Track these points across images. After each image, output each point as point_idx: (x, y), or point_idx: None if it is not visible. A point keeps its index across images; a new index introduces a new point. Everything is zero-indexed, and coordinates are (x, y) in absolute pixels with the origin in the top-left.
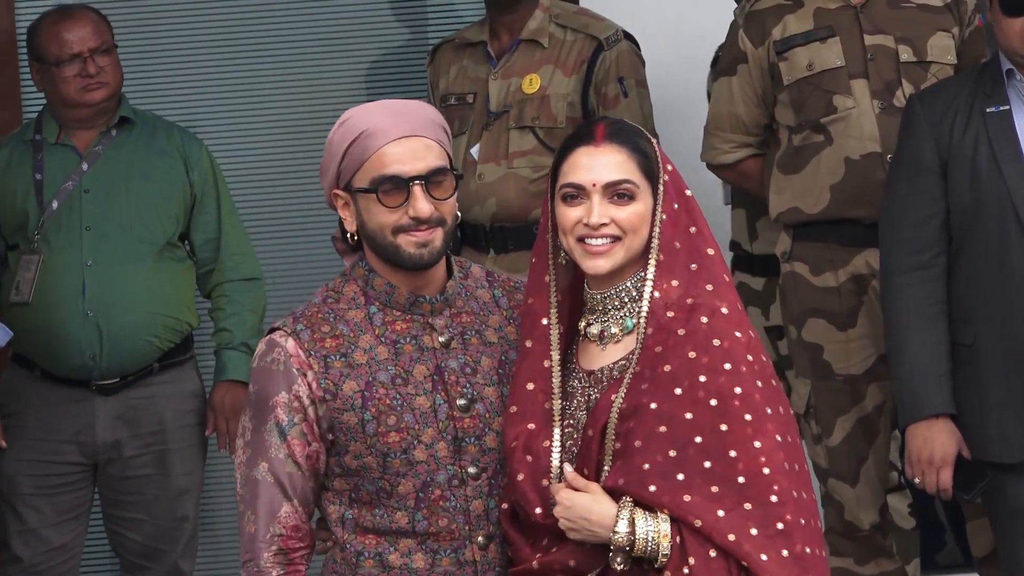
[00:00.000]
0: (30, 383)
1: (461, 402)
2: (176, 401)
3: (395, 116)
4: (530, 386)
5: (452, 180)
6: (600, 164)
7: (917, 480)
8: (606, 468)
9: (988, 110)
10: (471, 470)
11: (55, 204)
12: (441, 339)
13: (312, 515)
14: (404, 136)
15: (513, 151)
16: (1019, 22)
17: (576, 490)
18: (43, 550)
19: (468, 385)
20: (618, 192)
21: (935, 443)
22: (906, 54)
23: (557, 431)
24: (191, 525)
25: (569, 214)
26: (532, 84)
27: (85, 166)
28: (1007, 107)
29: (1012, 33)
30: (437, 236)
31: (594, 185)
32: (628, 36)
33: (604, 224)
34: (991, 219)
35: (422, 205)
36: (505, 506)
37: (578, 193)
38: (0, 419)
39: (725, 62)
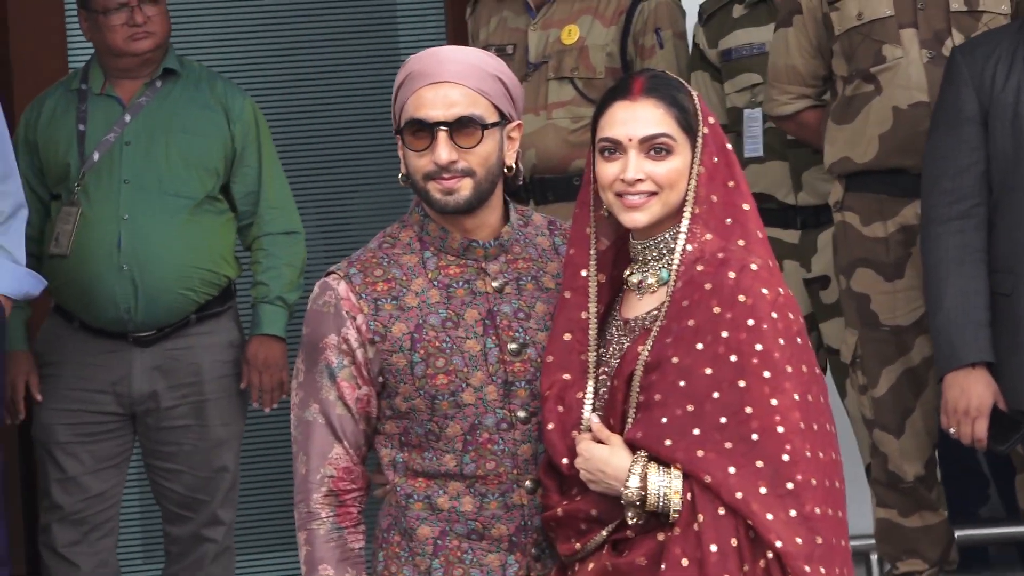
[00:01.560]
0: (68, 334)
1: (512, 346)
2: (213, 352)
3: (439, 61)
4: (567, 336)
5: (481, 132)
6: (637, 118)
7: (952, 430)
8: (630, 419)
9: None
10: (520, 414)
11: (96, 156)
12: (495, 284)
13: (365, 458)
14: (441, 81)
15: (552, 102)
16: None
17: (599, 442)
18: (82, 497)
19: (521, 329)
20: (655, 146)
21: (971, 392)
22: (957, 3)
23: (591, 383)
24: (230, 475)
25: (607, 169)
26: (571, 35)
27: (128, 117)
28: None
29: None
30: (465, 185)
31: (630, 140)
32: None
33: (640, 180)
34: None
35: (441, 151)
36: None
37: (615, 147)
38: (38, 369)
39: (783, 13)
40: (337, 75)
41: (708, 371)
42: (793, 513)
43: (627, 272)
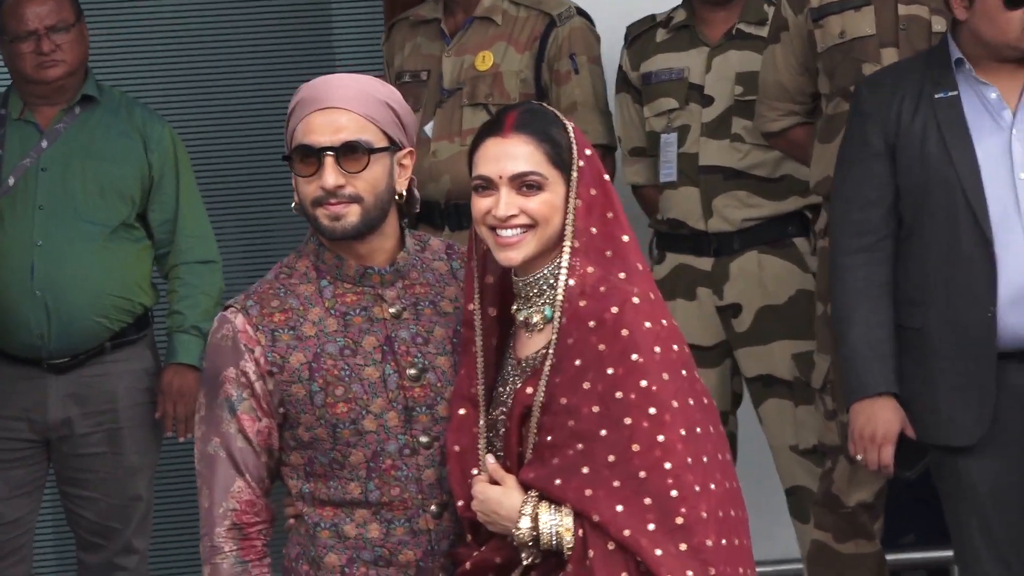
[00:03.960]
0: None
1: (411, 371)
2: (128, 379)
3: (329, 87)
4: (462, 372)
5: (367, 158)
6: (507, 155)
7: (859, 457)
8: (528, 455)
9: (937, 96)
10: (423, 439)
11: (11, 181)
12: (392, 310)
13: (268, 491)
14: (328, 107)
15: (467, 128)
16: (1019, 15)
17: (495, 482)
18: None
19: (419, 355)
20: (525, 183)
21: (878, 420)
22: (939, 25)
23: (482, 419)
24: (144, 504)
25: (480, 204)
26: (485, 61)
27: (45, 144)
28: (956, 93)
29: (1010, 26)
30: (352, 212)
31: (500, 177)
32: (582, 12)
33: (513, 216)
34: (941, 204)
35: (327, 176)
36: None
37: (488, 184)
38: None
39: (771, 30)
40: (264, 101)
41: (595, 409)
42: (683, 547)
43: (513, 308)
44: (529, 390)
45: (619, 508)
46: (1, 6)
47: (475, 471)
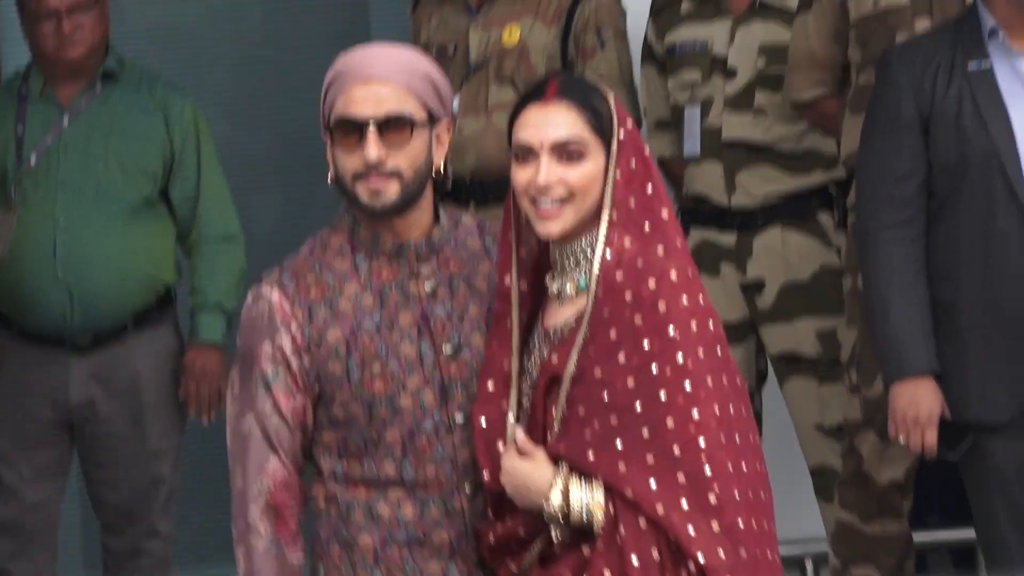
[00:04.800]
0: (7, 341)
1: (447, 349)
2: (152, 360)
3: (369, 59)
4: (494, 346)
5: (410, 130)
6: (549, 122)
7: (901, 438)
8: (556, 428)
9: (970, 67)
10: (459, 417)
11: (33, 159)
12: (427, 286)
13: (302, 470)
14: (370, 79)
15: (493, 104)
16: None
17: (523, 455)
18: (20, 508)
19: (455, 332)
20: (567, 151)
21: (920, 402)
22: None
23: (513, 393)
24: (168, 487)
25: (520, 174)
26: (511, 35)
27: (66, 121)
28: (989, 64)
29: None
30: (391, 187)
31: (542, 144)
32: None
33: (552, 185)
34: (976, 178)
35: (370, 149)
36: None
37: (528, 152)
38: None
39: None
40: (298, 70)
41: (630, 383)
42: (715, 526)
43: (547, 278)
44: (555, 359)
45: (652, 484)
46: None
47: (501, 445)
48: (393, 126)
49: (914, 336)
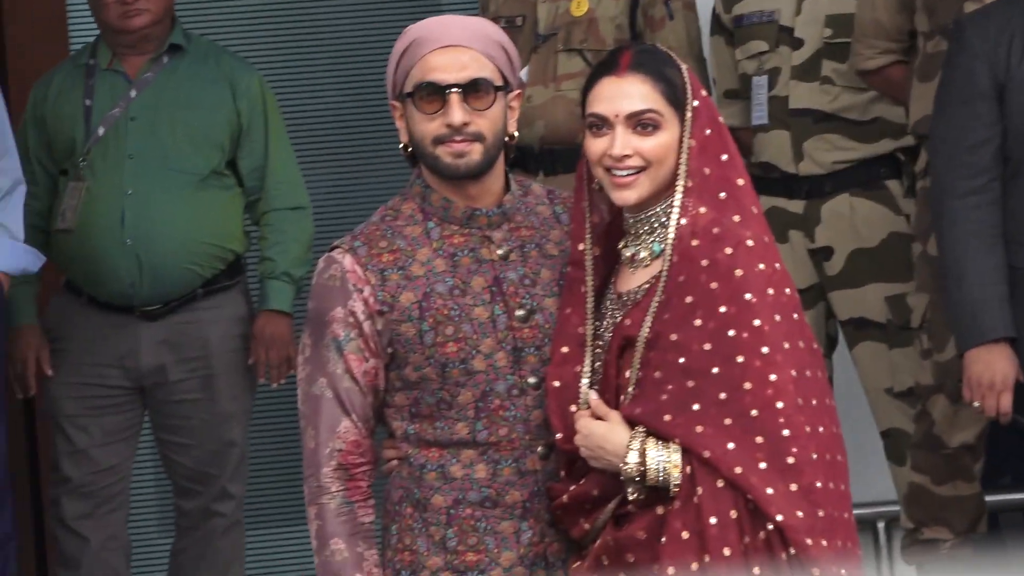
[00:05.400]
0: (76, 308)
1: (520, 312)
2: (222, 326)
3: (446, 26)
4: (567, 311)
5: (493, 95)
6: (623, 94)
7: (976, 404)
8: (630, 390)
9: None
10: (531, 380)
11: (101, 130)
12: (499, 251)
13: (373, 432)
14: (449, 45)
15: (561, 74)
16: None
17: (598, 418)
18: (92, 471)
19: (527, 296)
20: (642, 122)
21: (996, 367)
22: None
23: (588, 357)
24: (239, 450)
25: (595, 145)
26: (580, 6)
27: (133, 93)
28: None
29: None
30: (475, 150)
31: (616, 116)
32: None
33: (628, 156)
34: None
35: (455, 113)
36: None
37: (603, 123)
38: (48, 344)
39: None
40: (353, 47)
41: (707, 347)
42: (793, 487)
43: (621, 244)
44: (628, 322)
45: (730, 445)
46: None
47: (573, 408)
48: (475, 90)
49: (989, 302)
